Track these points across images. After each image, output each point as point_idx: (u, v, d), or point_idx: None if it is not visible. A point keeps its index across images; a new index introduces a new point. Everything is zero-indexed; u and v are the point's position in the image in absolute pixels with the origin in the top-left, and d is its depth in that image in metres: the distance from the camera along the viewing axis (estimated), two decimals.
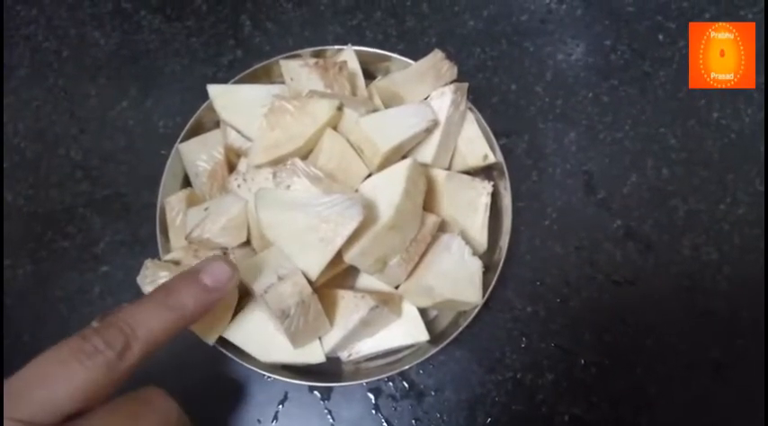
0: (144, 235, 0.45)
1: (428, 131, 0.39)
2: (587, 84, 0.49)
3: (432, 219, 0.37)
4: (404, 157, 0.39)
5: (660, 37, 0.50)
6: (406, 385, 0.42)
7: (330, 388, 0.42)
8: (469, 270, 0.37)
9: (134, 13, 0.52)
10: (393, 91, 0.42)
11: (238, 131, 0.40)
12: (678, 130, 0.47)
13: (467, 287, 0.37)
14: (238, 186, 0.37)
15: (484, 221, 0.40)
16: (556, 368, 0.42)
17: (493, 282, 0.39)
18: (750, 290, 0.44)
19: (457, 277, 0.37)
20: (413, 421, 0.41)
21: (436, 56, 0.42)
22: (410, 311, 0.38)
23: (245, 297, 0.37)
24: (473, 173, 0.42)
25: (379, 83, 0.43)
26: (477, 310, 0.38)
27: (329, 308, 0.36)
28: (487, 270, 0.39)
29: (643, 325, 0.43)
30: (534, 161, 0.47)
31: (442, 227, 0.38)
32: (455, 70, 0.42)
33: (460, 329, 0.38)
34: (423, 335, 0.38)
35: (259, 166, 0.37)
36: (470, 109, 0.42)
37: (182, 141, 0.42)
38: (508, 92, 0.49)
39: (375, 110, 0.39)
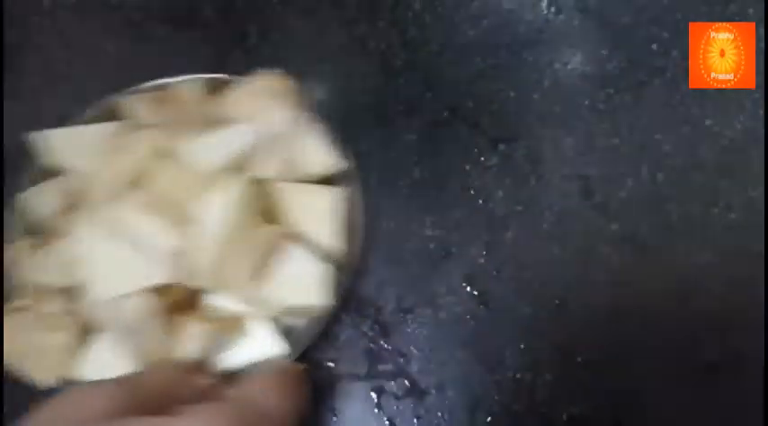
0: None
1: (261, 148, 0.40)
2: (584, 92, 0.50)
3: (272, 231, 0.38)
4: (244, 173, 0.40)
5: (654, 47, 0.51)
6: (408, 383, 0.43)
7: (332, 388, 0.43)
8: (314, 275, 0.39)
9: (142, 24, 0.54)
10: (225, 112, 0.44)
11: (76, 173, 0.41)
12: (672, 136, 0.49)
13: (310, 291, 0.38)
14: (81, 227, 0.39)
15: (333, 227, 0.41)
16: (554, 369, 0.43)
17: (347, 283, 0.41)
18: (745, 293, 0.44)
19: (300, 283, 0.38)
20: (414, 420, 0.42)
21: (271, 73, 0.43)
22: (261, 326, 0.39)
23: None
24: (322, 181, 0.43)
25: (209, 106, 0.45)
26: (333, 310, 0.40)
27: (172, 335, 0.37)
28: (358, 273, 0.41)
29: (640, 327, 0.44)
30: (532, 166, 0.48)
31: (292, 238, 0.40)
32: (292, 85, 0.43)
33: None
34: (276, 348, 0.39)
35: (98, 205, 0.39)
36: (312, 120, 0.43)
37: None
38: (507, 99, 0.50)
39: (206, 133, 0.41)
